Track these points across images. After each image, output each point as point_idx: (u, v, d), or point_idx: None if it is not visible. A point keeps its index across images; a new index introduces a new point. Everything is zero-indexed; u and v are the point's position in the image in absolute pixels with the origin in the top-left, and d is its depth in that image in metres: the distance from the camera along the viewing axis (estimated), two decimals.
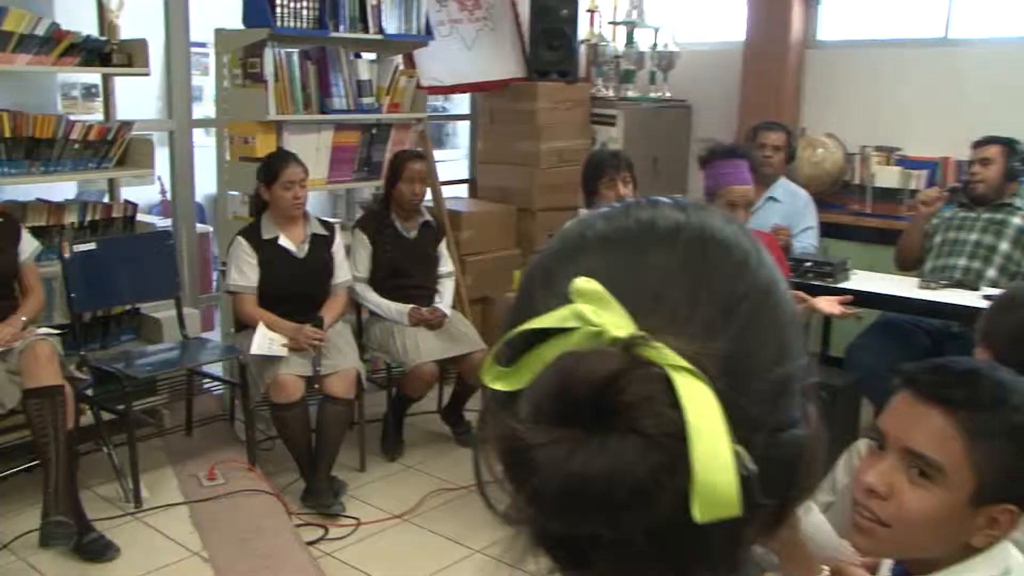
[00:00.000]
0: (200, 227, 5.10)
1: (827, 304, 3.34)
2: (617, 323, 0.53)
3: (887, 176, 4.89)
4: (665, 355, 0.51)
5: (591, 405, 0.50)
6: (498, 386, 0.55)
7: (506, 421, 0.52)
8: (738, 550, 0.59)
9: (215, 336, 4.74)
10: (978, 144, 4.15)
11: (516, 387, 0.55)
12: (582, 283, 0.54)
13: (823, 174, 4.96)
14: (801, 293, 3.68)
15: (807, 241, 4.44)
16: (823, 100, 5.21)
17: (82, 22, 4.04)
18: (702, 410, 0.50)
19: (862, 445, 2.90)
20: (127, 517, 3.56)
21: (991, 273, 4.02)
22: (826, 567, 1.69)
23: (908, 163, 4.87)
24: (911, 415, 1.36)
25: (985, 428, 1.31)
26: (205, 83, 5.73)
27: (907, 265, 4.29)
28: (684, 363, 0.51)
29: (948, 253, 4.15)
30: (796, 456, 0.59)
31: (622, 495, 0.50)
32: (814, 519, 2.03)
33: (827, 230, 4.71)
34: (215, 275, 5.22)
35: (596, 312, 0.53)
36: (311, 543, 3.50)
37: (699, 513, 0.50)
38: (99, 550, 3.25)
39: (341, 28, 4.43)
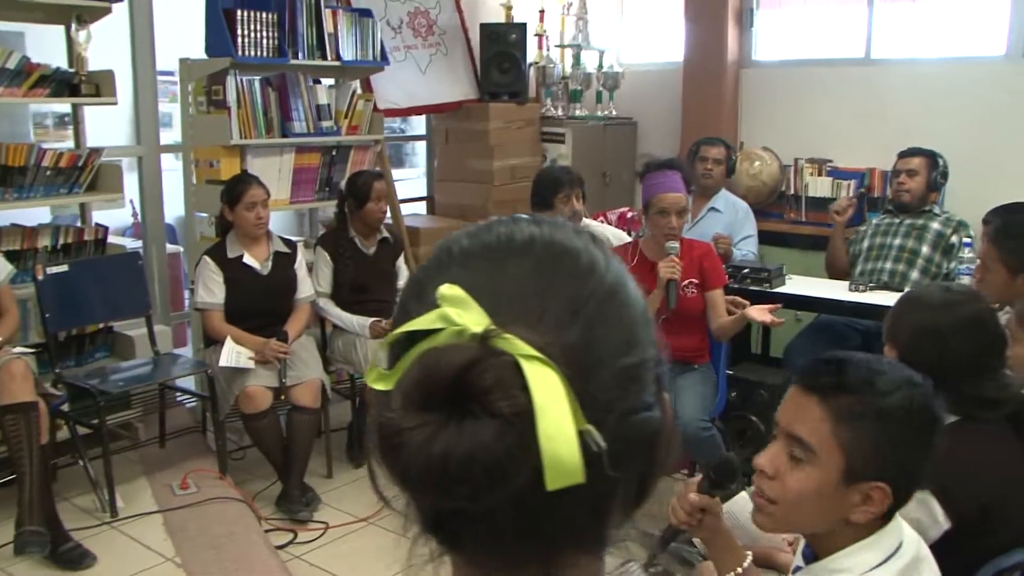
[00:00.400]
0: (171, 247, 5.24)
1: (758, 313, 3.56)
2: (476, 321, 0.58)
3: (819, 186, 5.17)
4: (516, 345, 0.56)
5: (451, 391, 0.55)
6: (379, 387, 0.60)
7: (381, 412, 0.57)
8: (603, 525, 0.65)
9: (188, 352, 4.90)
10: (903, 155, 4.41)
11: (392, 386, 0.59)
12: (445, 289, 0.59)
13: (760, 185, 5.23)
14: (739, 298, 3.94)
15: (747, 248, 4.69)
16: (759, 116, 5.48)
17: (52, 55, 4.21)
18: (547, 391, 0.55)
19: None
20: (103, 526, 3.71)
21: (914, 275, 4.29)
22: (750, 553, 1.90)
23: (838, 174, 5.14)
24: (795, 405, 1.55)
25: (850, 411, 1.49)
26: (174, 110, 5.90)
27: (837, 274, 4.54)
28: (533, 352, 0.56)
29: (876, 257, 4.41)
30: (650, 436, 0.65)
31: (480, 471, 0.54)
32: (747, 508, 2.24)
33: (765, 238, 4.97)
34: (187, 293, 5.38)
35: (459, 313, 0.58)
36: (280, 547, 3.66)
37: (549, 482, 0.54)
38: (76, 559, 3.39)
39: (300, 56, 4.63)
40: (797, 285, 4.33)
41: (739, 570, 1.82)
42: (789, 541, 2.10)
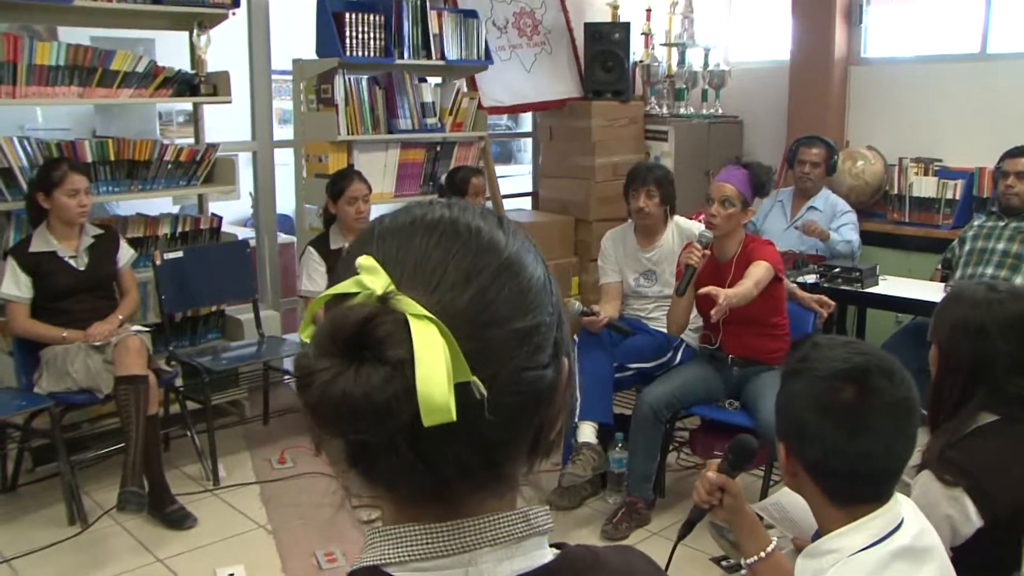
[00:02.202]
0: (287, 237, 5.56)
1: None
2: (381, 285, 0.67)
3: (924, 186, 5.02)
4: (408, 305, 0.65)
5: (351, 340, 0.65)
6: (305, 338, 0.70)
7: (301, 356, 0.68)
8: (498, 467, 0.74)
9: (297, 336, 5.17)
10: (1012, 155, 4.22)
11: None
12: (362, 260, 0.69)
13: (863, 185, 5.11)
14: (825, 297, 3.91)
15: (846, 231, 4.60)
16: (867, 114, 5.36)
17: (180, 58, 4.57)
18: (427, 344, 0.64)
19: None
20: (206, 493, 4.01)
21: (1019, 281, 4.12)
22: (775, 538, 1.95)
23: (946, 173, 4.98)
24: None
25: (782, 380, 1.67)
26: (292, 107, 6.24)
27: None
28: (422, 311, 0.65)
29: (976, 262, 4.25)
30: (542, 391, 0.74)
31: (371, 408, 0.64)
32: (795, 500, 2.27)
33: (867, 238, 4.87)
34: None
35: (370, 280, 0.67)
36: (366, 522, 3.85)
37: (424, 419, 0.63)
38: (179, 519, 3.69)
39: (406, 56, 4.84)
40: (891, 286, 4.24)
41: (762, 554, 1.88)
42: None
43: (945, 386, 2.17)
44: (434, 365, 0.63)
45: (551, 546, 0.79)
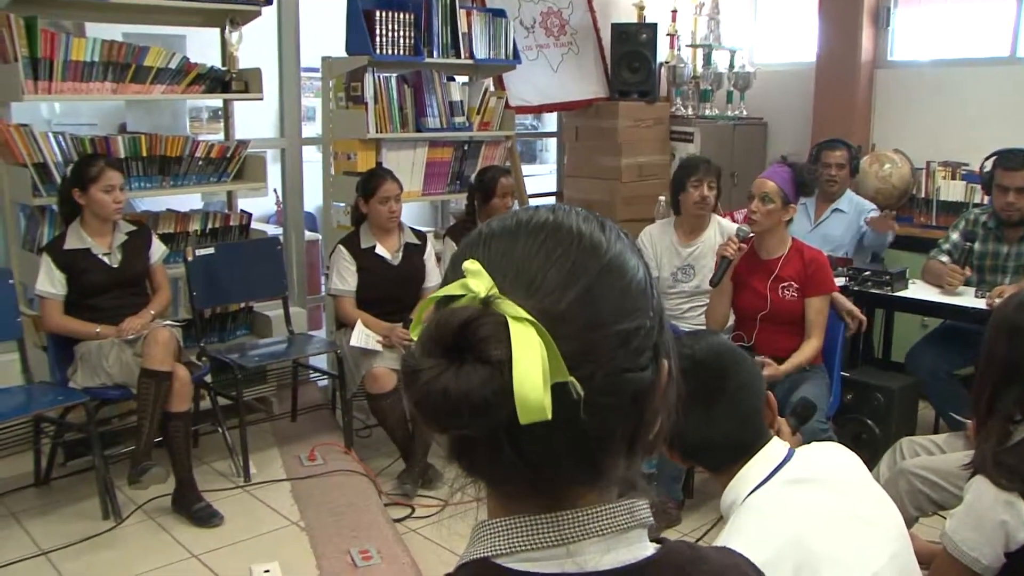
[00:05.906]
0: (310, 235, 5.55)
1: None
2: (484, 287, 0.70)
3: (952, 190, 5.02)
4: (508, 307, 0.68)
5: (453, 341, 0.67)
6: (415, 337, 0.72)
7: (407, 355, 0.71)
8: (596, 464, 0.75)
9: (322, 334, 5.18)
10: (1010, 168, 3.96)
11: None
12: (467, 264, 0.72)
13: (890, 188, 5.12)
14: (856, 310, 3.91)
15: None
16: (892, 117, 5.36)
17: (209, 54, 4.57)
18: (524, 345, 0.66)
19: (905, 444, 3.11)
20: (237, 489, 4.02)
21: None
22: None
23: (973, 177, 4.96)
24: None
25: None
26: (318, 104, 6.25)
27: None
28: (522, 313, 0.68)
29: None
30: (638, 393, 0.76)
31: (470, 405, 0.66)
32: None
33: (894, 241, 4.86)
34: (322, 279, 5.69)
35: (475, 283, 0.70)
36: (398, 520, 3.85)
37: (520, 417, 0.66)
38: (206, 517, 3.71)
39: (435, 54, 4.84)
40: (921, 290, 4.24)
41: None
42: None
43: (981, 384, 2.22)
44: (530, 366, 0.66)
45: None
